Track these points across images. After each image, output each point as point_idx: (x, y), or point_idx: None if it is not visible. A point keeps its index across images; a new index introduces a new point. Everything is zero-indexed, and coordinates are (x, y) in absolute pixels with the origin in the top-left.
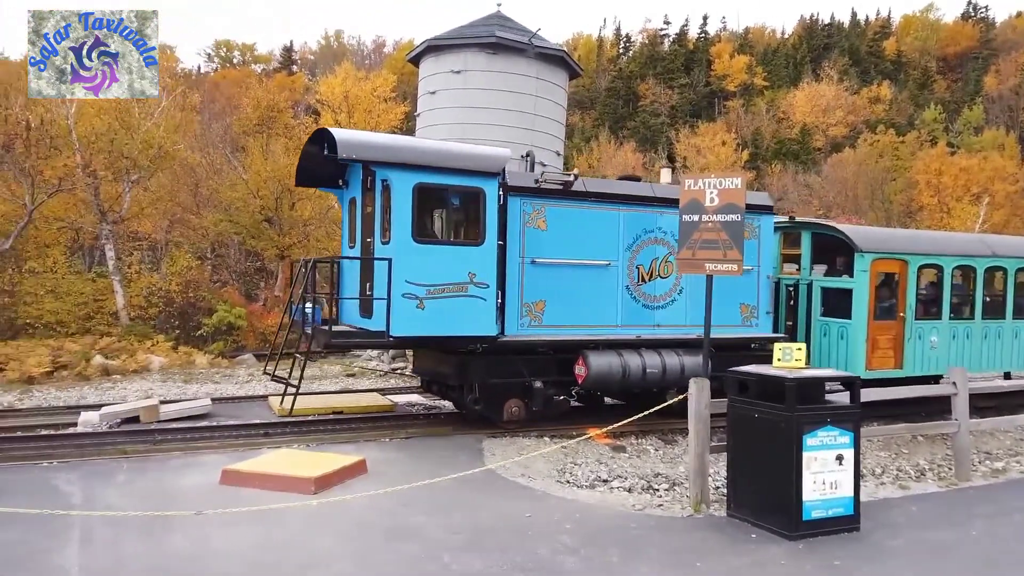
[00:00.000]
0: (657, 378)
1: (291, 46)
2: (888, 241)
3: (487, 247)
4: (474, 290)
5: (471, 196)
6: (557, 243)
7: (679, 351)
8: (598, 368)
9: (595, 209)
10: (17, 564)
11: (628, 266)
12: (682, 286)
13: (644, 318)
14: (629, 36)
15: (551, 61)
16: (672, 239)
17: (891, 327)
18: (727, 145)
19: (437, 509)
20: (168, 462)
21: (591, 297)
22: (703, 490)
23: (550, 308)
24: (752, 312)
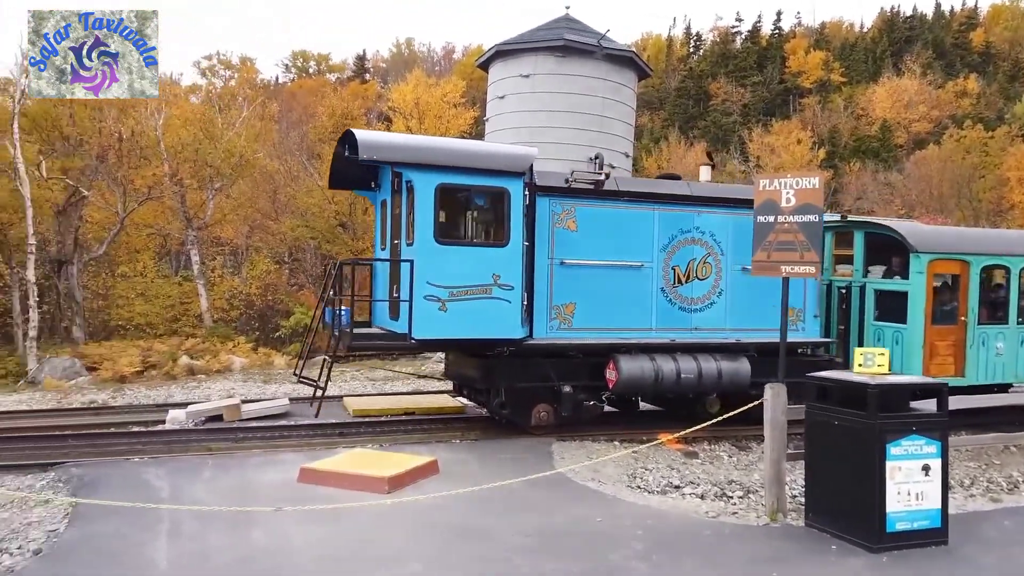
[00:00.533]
0: (693, 384)
1: (364, 55)
2: (947, 241)
3: (512, 248)
4: (498, 292)
5: (495, 196)
6: (588, 244)
7: (717, 356)
8: (629, 373)
9: (628, 209)
10: (112, 555)
11: (663, 267)
12: (722, 288)
13: (681, 321)
14: (699, 35)
15: (620, 62)
16: (711, 239)
17: (951, 332)
18: (802, 143)
19: (507, 511)
20: (249, 460)
21: (623, 300)
22: (780, 498)
23: (580, 311)
24: (798, 316)
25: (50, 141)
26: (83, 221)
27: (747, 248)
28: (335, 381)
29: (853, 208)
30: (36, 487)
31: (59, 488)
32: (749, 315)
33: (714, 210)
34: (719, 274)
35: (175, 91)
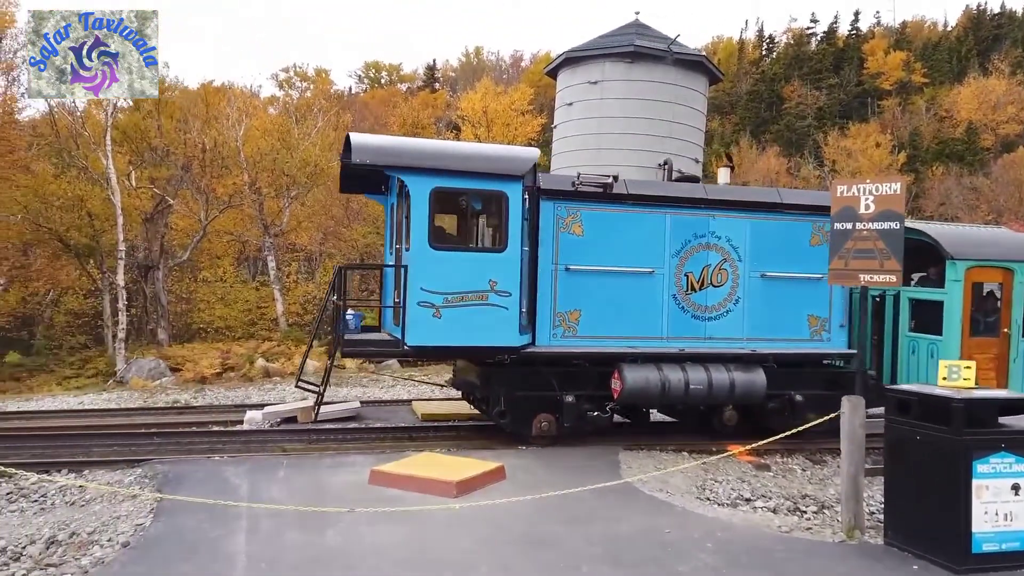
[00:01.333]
0: (702, 395)
1: (434, 65)
2: (988, 247)
3: (510, 254)
4: (495, 299)
5: (493, 200)
6: (594, 249)
7: (730, 366)
8: (633, 382)
9: (638, 212)
10: (194, 549)
11: (675, 274)
12: (739, 296)
13: (694, 330)
14: (772, 37)
15: (690, 67)
16: (727, 244)
17: (992, 345)
18: (882, 147)
19: (575, 519)
20: (322, 460)
21: (632, 307)
22: (857, 515)
23: (586, 318)
24: (823, 325)
25: (139, 152)
26: (168, 228)
27: (766, 253)
28: (404, 385)
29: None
30: (125, 482)
31: (145, 483)
32: (768, 324)
33: (731, 214)
34: (736, 281)
35: (254, 103)
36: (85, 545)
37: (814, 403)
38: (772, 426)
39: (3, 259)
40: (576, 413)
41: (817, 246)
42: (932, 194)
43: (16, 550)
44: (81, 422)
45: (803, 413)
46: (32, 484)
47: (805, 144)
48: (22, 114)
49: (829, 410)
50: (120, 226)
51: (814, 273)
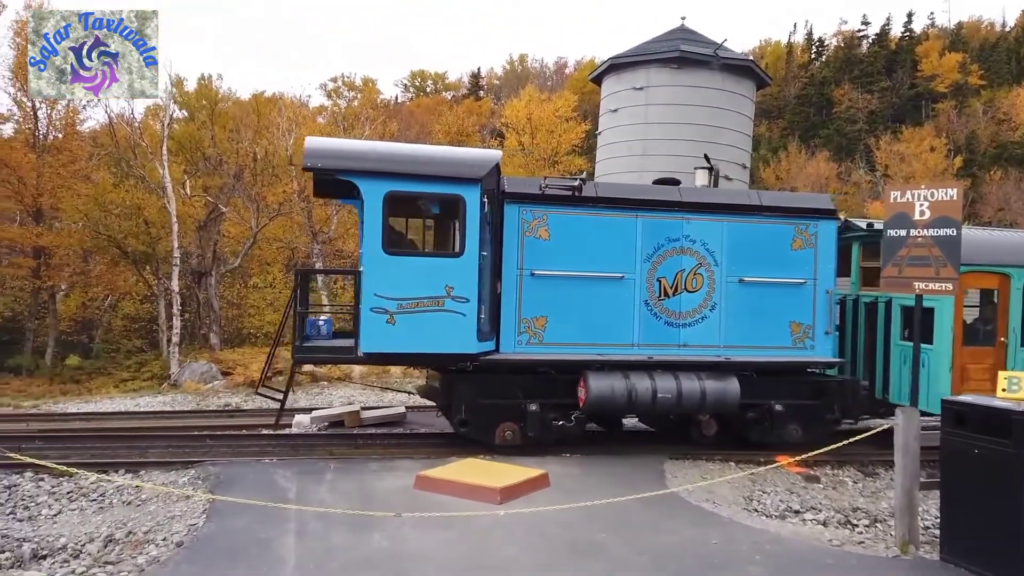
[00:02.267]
0: (671, 404)
1: (478, 73)
2: (981, 250)
3: (467, 259)
4: (452, 304)
5: (449, 204)
6: (561, 254)
7: (702, 374)
8: (598, 391)
9: (607, 216)
10: (245, 550)
11: (647, 279)
12: (715, 301)
13: (667, 337)
14: (822, 40)
15: (737, 72)
16: (702, 248)
17: (987, 355)
18: (936, 151)
19: (620, 528)
20: (368, 464)
21: (601, 313)
22: (912, 529)
23: (553, 324)
24: (806, 332)
25: (193, 162)
26: (221, 235)
27: (745, 258)
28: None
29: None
30: (179, 483)
31: (199, 484)
32: (747, 331)
33: (706, 216)
34: (712, 286)
35: (304, 113)
36: (141, 544)
37: (798, 413)
38: (751, 437)
39: (65, 265)
40: (540, 422)
41: (799, 250)
42: (990, 199)
43: (76, 547)
44: (137, 424)
45: (785, 424)
46: (91, 483)
47: (856, 149)
48: (83, 125)
49: (815, 421)
50: (175, 233)
51: (796, 278)
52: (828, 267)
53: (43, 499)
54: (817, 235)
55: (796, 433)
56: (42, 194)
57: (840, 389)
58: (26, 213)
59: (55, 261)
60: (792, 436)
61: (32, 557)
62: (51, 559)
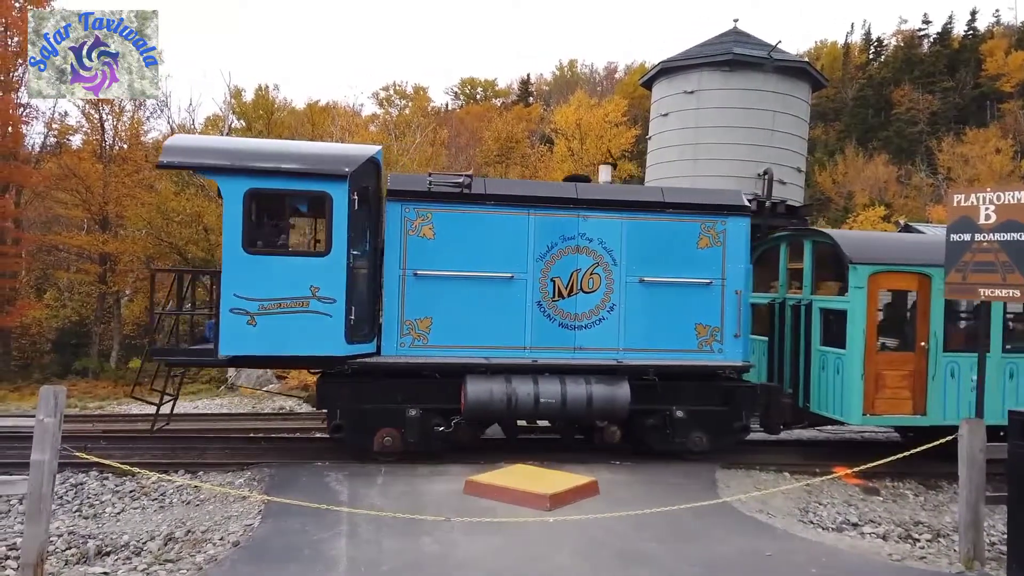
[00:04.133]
0: (554, 410)
1: (528, 79)
2: (898, 250)
3: (334, 258)
4: (317, 305)
5: (315, 202)
6: (447, 253)
7: (591, 379)
8: (476, 396)
9: (497, 213)
10: (299, 551)
11: (540, 279)
12: (613, 303)
13: (561, 339)
14: (880, 40)
15: (792, 74)
16: (600, 247)
17: (906, 360)
18: (1002, 153)
19: (671, 537)
20: (417, 469)
21: (491, 315)
22: (976, 545)
23: (438, 326)
24: (713, 335)
25: None
26: None
27: (647, 257)
28: None
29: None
30: (235, 484)
31: (254, 486)
32: (649, 333)
33: (604, 214)
34: (610, 287)
35: (357, 121)
36: (199, 543)
37: (703, 420)
38: (650, 444)
39: (129, 271)
40: (421, 428)
41: (706, 248)
42: None
43: (138, 545)
44: (196, 426)
45: (687, 431)
46: (152, 483)
47: (916, 151)
48: (147, 136)
49: (722, 428)
50: None
51: (702, 278)
52: (737, 266)
53: (107, 497)
54: (725, 233)
55: (700, 441)
56: (108, 202)
57: (750, 395)
58: (93, 221)
59: (120, 267)
60: (696, 445)
61: (96, 554)
62: (114, 556)
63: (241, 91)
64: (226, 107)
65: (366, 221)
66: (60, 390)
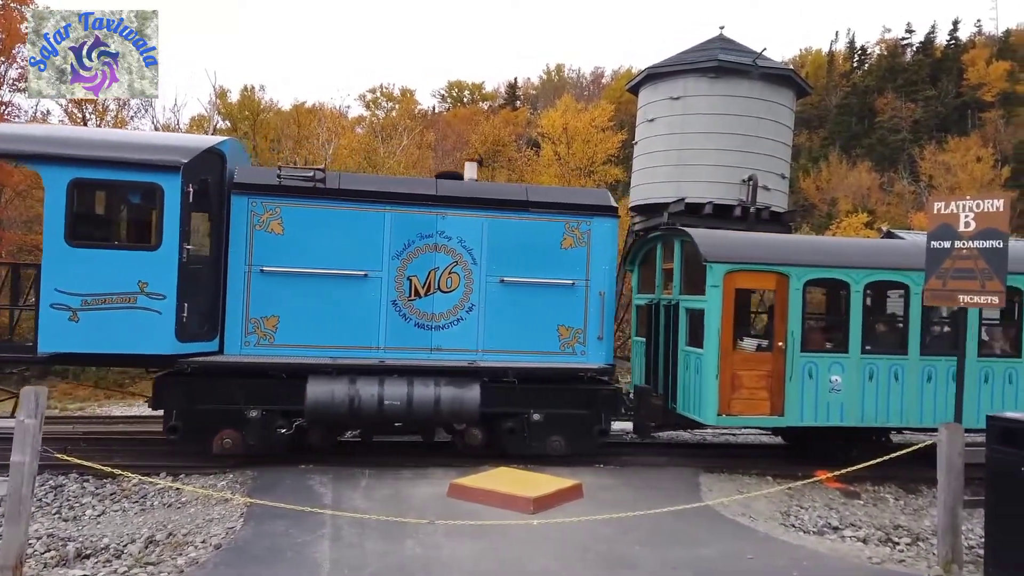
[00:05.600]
0: (400, 412)
1: (515, 83)
2: (754, 249)
3: (165, 252)
4: (145, 301)
5: (146, 193)
6: (296, 249)
7: (441, 381)
8: (316, 397)
9: (351, 209)
10: (281, 554)
11: (396, 278)
12: (473, 303)
13: (417, 340)
14: (864, 48)
15: (776, 81)
16: (459, 246)
17: (763, 360)
18: (983, 161)
19: (654, 541)
20: (402, 472)
21: (342, 313)
22: (955, 548)
23: (285, 325)
24: (576, 336)
25: None
26: None
27: (508, 257)
28: None
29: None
30: (218, 487)
31: (236, 488)
32: (509, 335)
33: (464, 212)
34: (469, 286)
35: (343, 123)
36: (181, 545)
37: (562, 423)
38: (507, 448)
39: None
40: (262, 430)
41: (570, 249)
42: None
43: (118, 548)
44: None
45: (546, 434)
46: (134, 485)
47: (899, 159)
48: None
49: (582, 431)
50: None
51: (565, 278)
52: (602, 267)
53: (87, 500)
54: (591, 233)
55: (559, 446)
56: None
57: (612, 399)
58: None
59: None
60: (554, 449)
61: (76, 556)
62: (94, 559)
63: (227, 91)
64: (211, 108)
65: (207, 215)
66: (41, 391)
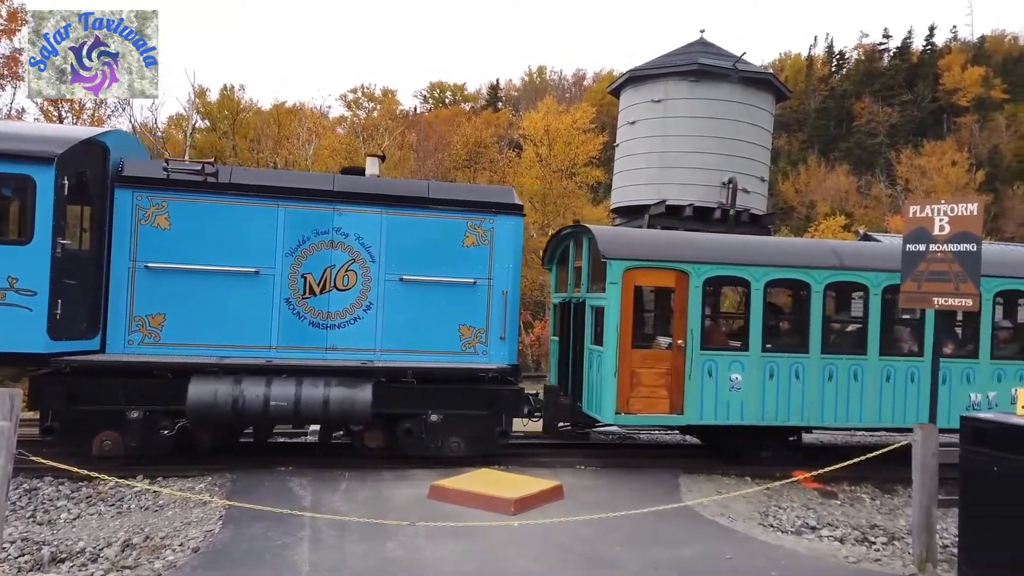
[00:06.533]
0: (286, 413)
1: (497, 84)
2: (654, 246)
3: (36, 247)
4: (15, 298)
5: (18, 185)
6: (184, 245)
7: (332, 381)
8: (198, 397)
9: (243, 204)
10: (260, 557)
11: (290, 275)
12: (371, 301)
13: (312, 339)
14: (843, 53)
15: (756, 84)
16: (357, 243)
17: (663, 359)
18: (958, 165)
19: (635, 542)
20: (382, 473)
21: (233, 312)
22: (929, 547)
23: (172, 323)
24: (478, 336)
25: None
26: None
27: (408, 255)
28: None
29: (1017, 235)
30: (196, 489)
31: (215, 491)
32: (409, 334)
33: (363, 208)
34: (367, 285)
35: (324, 123)
36: (158, 549)
37: (463, 425)
38: (405, 450)
39: None
40: (143, 431)
41: (472, 247)
42: (1013, 214)
43: (94, 552)
44: None
45: (444, 436)
46: (110, 488)
47: (876, 162)
48: None
49: (482, 433)
50: None
51: (467, 277)
52: (505, 266)
53: (62, 503)
54: (493, 231)
55: (458, 447)
56: None
57: (514, 399)
58: None
59: None
60: (453, 450)
61: (51, 560)
62: (69, 563)
63: (206, 90)
64: (190, 106)
65: (88, 208)
66: (16, 393)
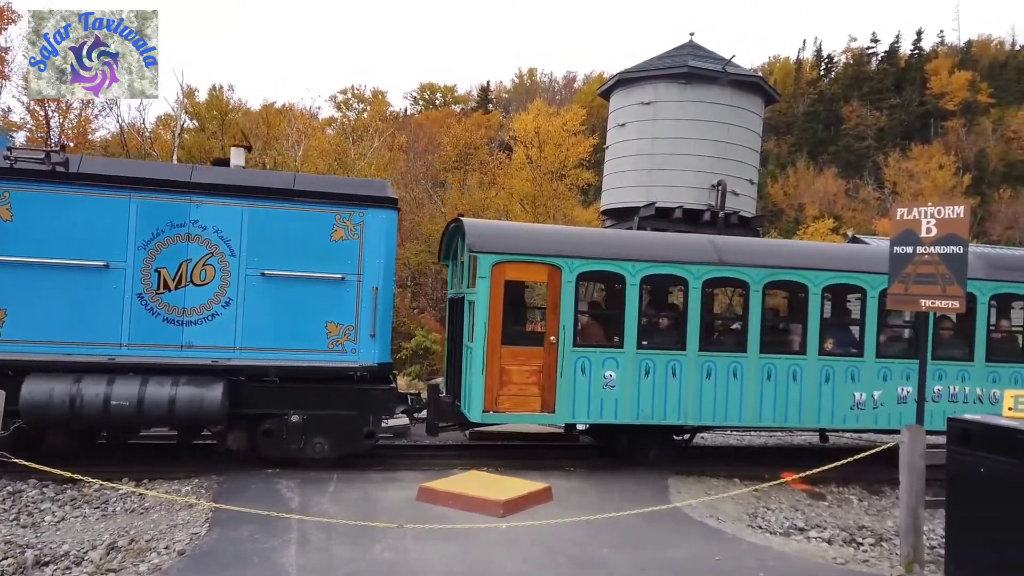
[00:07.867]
0: (128, 413)
1: (488, 86)
2: (525, 240)
3: None
4: None
5: None
6: (27, 237)
7: (181, 380)
8: (32, 397)
9: (92, 195)
10: (247, 560)
11: (143, 269)
12: (230, 297)
13: (167, 336)
14: (831, 57)
15: (745, 88)
16: (215, 236)
17: (535, 356)
18: (945, 169)
19: (623, 543)
20: (371, 475)
21: (80, 307)
22: (916, 548)
23: (12, 320)
24: (346, 334)
25: None
26: None
27: (271, 249)
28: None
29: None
30: (182, 491)
31: (201, 494)
32: (272, 331)
33: (222, 200)
34: (226, 279)
35: (313, 124)
36: (143, 552)
37: (326, 425)
38: (263, 452)
39: None
40: None
41: (341, 241)
42: (999, 217)
43: (79, 555)
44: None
45: (307, 437)
46: (95, 491)
47: (864, 165)
48: (95, 134)
49: (348, 433)
50: None
51: (334, 273)
52: (376, 261)
53: (46, 506)
54: (364, 225)
55: (322, 448)
56: None
57: (382, 399)
58: None
59: None
60: (317, 452)
61: (35, 564)
62: (53, 566)
63: (195, 90)
64: (178, 106)
65: None
66: None
